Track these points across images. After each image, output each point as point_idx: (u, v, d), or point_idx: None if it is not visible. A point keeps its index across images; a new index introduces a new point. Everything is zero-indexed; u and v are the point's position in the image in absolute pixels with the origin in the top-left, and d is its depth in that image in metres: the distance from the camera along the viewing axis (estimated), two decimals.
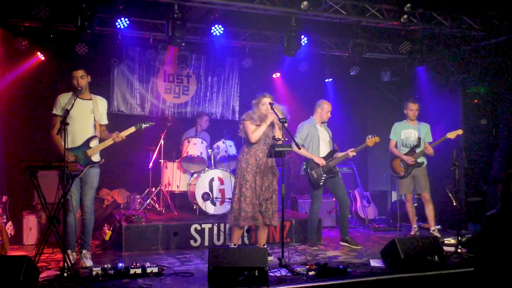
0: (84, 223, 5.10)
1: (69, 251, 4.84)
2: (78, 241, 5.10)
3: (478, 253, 5.28)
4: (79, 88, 4.93)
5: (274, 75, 8.69)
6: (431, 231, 6.60)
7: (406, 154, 6.69)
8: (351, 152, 6.14)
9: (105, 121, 5.28)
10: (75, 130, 4.92)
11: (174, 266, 5.06)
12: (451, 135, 6.43)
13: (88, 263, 4.90)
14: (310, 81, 8.80)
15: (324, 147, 6.25)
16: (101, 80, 7.86)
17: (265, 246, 5.21)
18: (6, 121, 6.96)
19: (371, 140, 6.17)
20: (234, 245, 5.27)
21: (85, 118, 5.03)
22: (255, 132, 5.18)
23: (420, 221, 7.25)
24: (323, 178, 6.11)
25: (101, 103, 5.24)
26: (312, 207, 6.23)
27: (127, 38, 7.33)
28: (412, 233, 6.71)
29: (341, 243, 6.29)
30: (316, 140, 6.22)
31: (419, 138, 6.66)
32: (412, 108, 6.74)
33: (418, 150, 6.62)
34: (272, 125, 5.25)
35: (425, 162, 6.71)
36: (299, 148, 5.53)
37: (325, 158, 6.17)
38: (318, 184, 6.11)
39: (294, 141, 5.49)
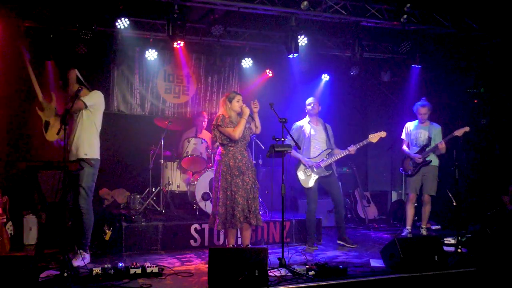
0: (81, 223, 5.06)
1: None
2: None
3: (484, 252, 5.30)
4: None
5: (267, 71, 8.64)
6: (420, 228, 6.76)
7: (416, 153, 6.70)
8: (351, 149, 6.09)
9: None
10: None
11: (174, 266, 5.06)
12: (459, 132, 6.35)
13: (80, 262, 4.86)
14: (310, 81, 8.80)
15: (318, 147, 6.18)
16: (101, 80, 7.87)
17: (248, 245, 5.24)
18: (6, 120, 6.96)
19: (374, 136, 6.10)
20: (232, 245, 5.26)
21: None
22: (236, 129, 5.14)
23: (418, 222, 7.26)
24: (312, 179, 6.08)
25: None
26: (308, 207, 6.20)
27: (127, 38, 7.33)
28: (404, 234, 6.72)
29: (338, 241, 6.31)
30: (307, 140, 6.16)
31: (430, 138, 6.67)
32: (421, 112, 6.74)
33: (427, 149, 6.63)
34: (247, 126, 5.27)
35: (436, 162, 6.69)
36: (299, 148, 5.52)
37: (315, 158, 6.14)
38: (306, 185, 6.09)
39: (294, 141, 5.50)
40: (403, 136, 6.94)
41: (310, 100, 6.27)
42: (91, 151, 5.09)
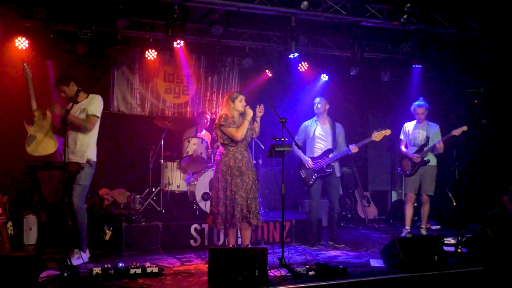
0: (75, 222, 5.02)
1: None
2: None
3: (485, 252, 5.30)
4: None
5: (267, 71, 8.63)
6: (420, 227, 6.74)
7: (414, 152, 6.69)
8: (352, 147, 6.09)
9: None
10: None
11: (174, 266, 5.06)
12: (456, 132, 6.38)
13: (78, 261, 4.85)
14: (309, 81, 8.79)
15: (321, 146, 6.22)
16: (101, 80, 7.87)
17: (249, 245, 5.24)
18: (6, 120, 6.95)
19: (378, 135, 6.10)
20: (232, 245, 5.26)
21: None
22: (239, 130, 5.13)
23: (418, 222, 7.26)
24: (313, 177, 6.15)
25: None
26: (309, 205, 6.30)
27: (127, 38, 7.33)
28: (403, 234, 6.71)
29: (329, 242, 6.37)
30: (311, 139, 6.23)
31: (428, 137, 6.66)
32: (418, 112, 6.73)
33: (425, 149, 6.62)
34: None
35: (434, 162, 6.67)
36: (299, 148, 5.53)
37: (317, 157, 6.17)
38: (307, 183, 6.18)
39: (294, 141, 5.50)
40: (401, 136, 6.93)
41: (316, 100, 6.34)
42: (93, 154, 5.15)
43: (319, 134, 6.24)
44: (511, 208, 6.93)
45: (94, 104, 5.13)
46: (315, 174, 6.15)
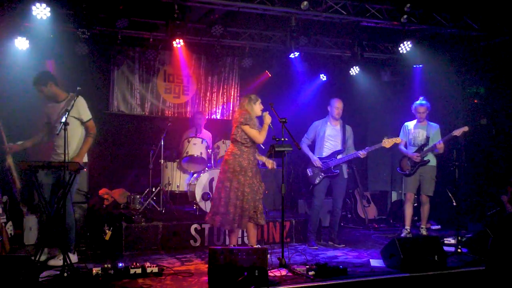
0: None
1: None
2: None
3: (485, 252, 5.30)
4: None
5: (267, 71, 8.62)
6: (420, 227, 6.73)
7: (414, 152, 6.68)
8: (361, 153, 6.12)
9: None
10: None
11: (174, 266, 5.06)
12: (457, 132, 6.35)
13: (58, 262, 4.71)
14: (310, 81, 8.80)
15: (331, 146, 6.25)
16: (101, 80, 7.87)
17: (258, 245, 5.23)
18: (5, 120, 6.95)
19: (388, 142, 6.12)
20: (233, 245, 5.26)
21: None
22: (262, 133, 5.14)
23: (418, 222, 7.26)
24: (320, 177, 6.17)
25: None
26: (312, 203, 6.32)
27: (127, 38, 7.33)
28: (403, 235, 6.70)
29: (329, 242, 6.36)
30: (321, 139, 6.26)
31: (428, 137, 6.65)
32: (419, 111, 6.71)
33: (425, 149, 6.61)
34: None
35: (434, 162, 6.65)
36: (299, 148, 5.55)
37: (326, 158, 6.19)
38: (313, 182, 6.21)
39: (294, 141, 5.51)
40: (401, 135, 6.90)
41: (333, 102, 6.31)
42: (84, 157, 5.11)
43: (329, 135, 6.26)
44: (510, 208, 6.93)
45: (83, 110, 5.03)
46: (322, 174, 6.16)
